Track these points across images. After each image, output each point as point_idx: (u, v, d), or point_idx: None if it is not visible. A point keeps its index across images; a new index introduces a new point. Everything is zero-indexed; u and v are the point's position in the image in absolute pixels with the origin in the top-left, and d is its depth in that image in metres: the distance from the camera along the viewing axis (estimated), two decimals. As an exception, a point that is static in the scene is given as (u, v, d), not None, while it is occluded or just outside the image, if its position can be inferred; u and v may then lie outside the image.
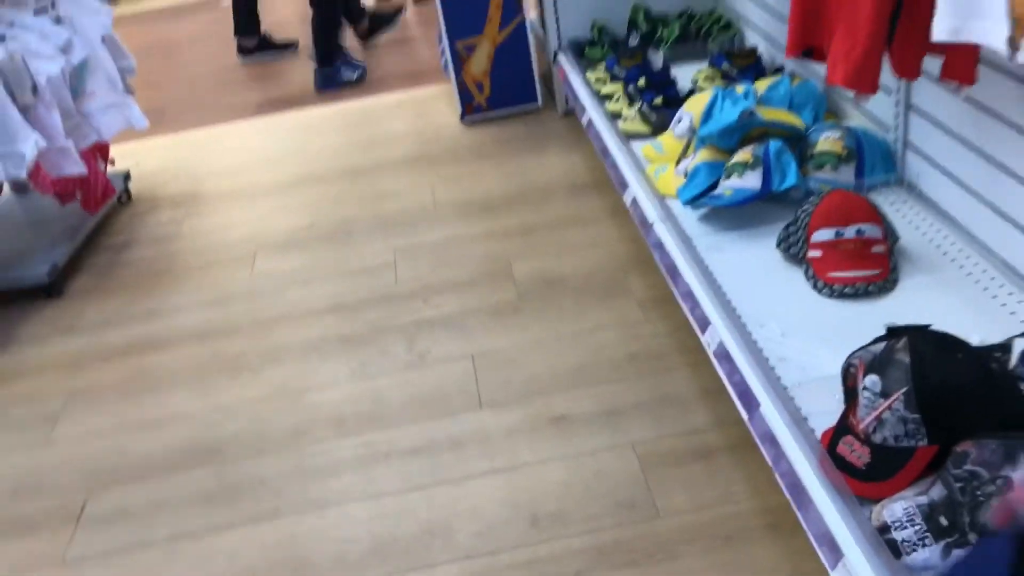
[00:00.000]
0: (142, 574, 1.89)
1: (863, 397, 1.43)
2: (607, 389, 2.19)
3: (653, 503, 1.85)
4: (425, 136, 3.76)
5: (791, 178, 2.19)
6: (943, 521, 1.29)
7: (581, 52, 3.47)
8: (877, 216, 1.97)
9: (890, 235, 1.98)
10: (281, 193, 3.48)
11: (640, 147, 2.71)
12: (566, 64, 3.48)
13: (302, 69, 4.78)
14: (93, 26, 3.06)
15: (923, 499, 1.32)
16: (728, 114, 2.38)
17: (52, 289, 2.95)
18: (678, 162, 2.50)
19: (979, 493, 1.27)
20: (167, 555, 1.93)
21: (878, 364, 1.42)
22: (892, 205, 2.18)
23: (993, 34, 1.18)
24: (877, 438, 1.41)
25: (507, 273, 2.72)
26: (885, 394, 1.39)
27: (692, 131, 2.54)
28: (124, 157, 3.66)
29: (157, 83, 4.70)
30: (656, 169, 2.53)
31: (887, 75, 2.22)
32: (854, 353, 1.52)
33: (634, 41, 3.38)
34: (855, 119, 2.49)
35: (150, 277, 3.02)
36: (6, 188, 3.39)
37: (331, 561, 1.85)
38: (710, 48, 3.24)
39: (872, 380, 1.41)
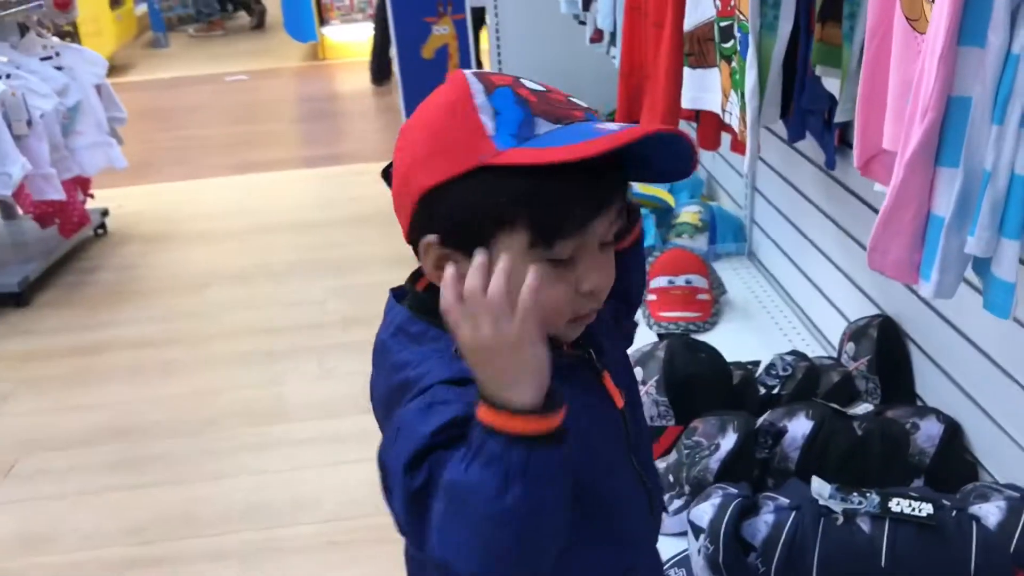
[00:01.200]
0: (51, 517, 2.21)
1: (631, 386, 1.79)
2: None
3: (490, 490, 2.17)
4: (379, 201, 4.16)
5: (649, 239, 2.57)
6: (671, 479, 1.63)
7: (519, 136, 3.91)
8: (705, 270, 2.35)
9: (716, 287, 2.35)
10: (243, 238, 3.88)
11: (546, 214, 3.11)
12: (506, 146, 3.92)
13: (288, 134, 5.26)
14: (88, 75, 3.52)
15: (662, 464, 1.66)
16: (609, 185, 2.79)
17: (20, 299, 3.32)
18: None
19: (697, 456, 1.62)
20: (74, 505, 2.25)
21: (642, 359, 1.78)
22: (734, 269, 2.56)
23: (713, 103, 1.59)
24: (638, 418, 1.75)
25: (420, 313, 3.08)
26: (643, 382, 1.74)
27: (585, 200, 2.94)
28: (108, 199, 4.06)
29: (150, 140, 5.16)
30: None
31: (741, 161, 2.65)
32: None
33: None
34: (723, 200, 2.90)
35: (109, 296, 3.40)
36: (-5, 209, 3.80)
37: (212, 518, 2.17)
38: (627, 140, 3.68)
39: (636, 371, 1.77)
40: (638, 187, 2.78)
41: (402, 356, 0.86)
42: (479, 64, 4.18)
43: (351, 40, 7.22)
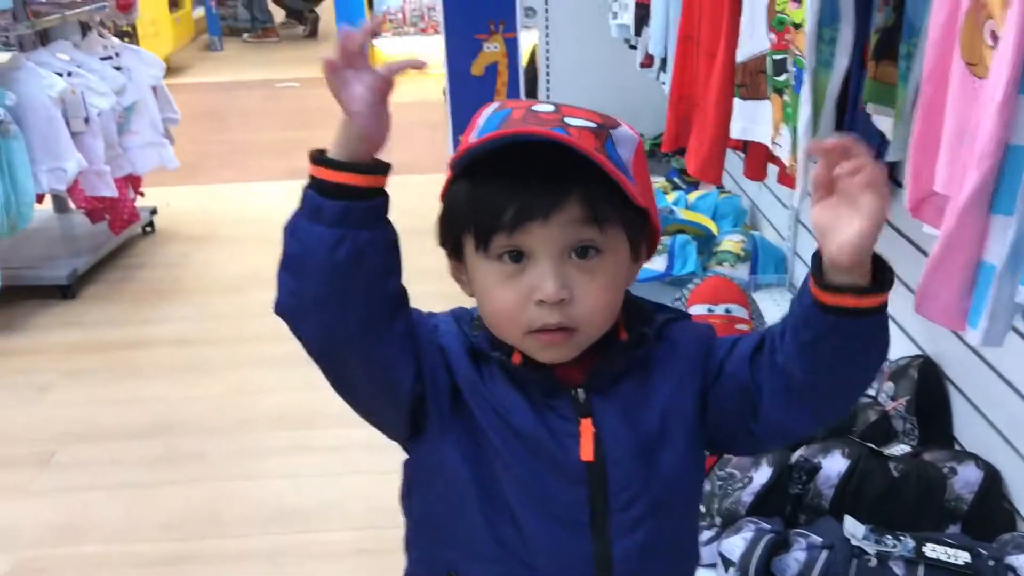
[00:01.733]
0: (87, 508, 2.25)
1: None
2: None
3: (518, 508, 2.18)
4: (422, 212, 4.19)
5: (690, 265, 2.57)
6: (702, 509, 1.62)
7: (564, 156, 3.93)
8: (745, 301, 2.34)
9: (755, 317, 2.34)
10: (285, 242, 3.93)
11: (587, 235, 3.12)
12: (551, 165, 3.94)
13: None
14: (146, 77, 3.60)
15: (693, 493, 1.66)
16: (653, 210, 2.79)
17: (68, 291, 3.39)
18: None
19: (729, 488, 1.61)
20: (110, 497, 2.29)
21: (678, 386, 1.77)
22: (775, 300, 2.55)
23: (763, 135, 1.59)
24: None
25: (457, 327, 3.10)
26: (679, 409, 1.74)
27: (627, 224, 2.95)
28: (157, 197, 4.14)
29: (201, 142, 5.24)
30: (591, 251, 2.93)
31: (786, 193, 2.63)
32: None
33: (609, 152, 3.83)
34: (765, 230, 2.89)
35: (153, 293, 3.46)
36: (48, 202, 3.87)
37: (242, 519, 2.20)
38: (672, 165, 3.68)
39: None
40: (681, 213, 2.79)
41: None
42: (529, 83, 4.20)
43: (402, 52, 7.29)
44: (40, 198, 3.25)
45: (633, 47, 3.03)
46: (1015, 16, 0.81)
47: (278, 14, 8.74)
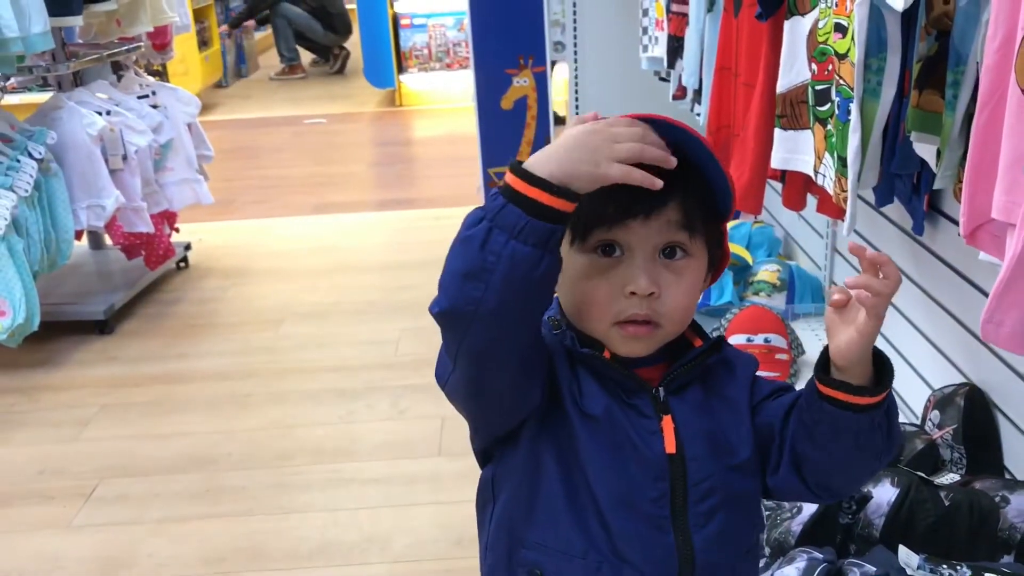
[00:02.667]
0: (129, 542, 2.26)
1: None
2: (549, 455, 2.53)
3: (560, 541, 2.17)
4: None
5: (727, 295, 2.57)
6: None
7: (594, 188, 3.95)
8: (784, 331, 2.33)
9: (795, 347, 2.34)
10: (317, 276, 3.96)
11: (620, 266, 3.13)
12: (580, 197, 3.96)
13: (365, 177, 5.38)
14: (181, 114, 3.66)
15: (741, 524, 1.65)
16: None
17: (105, 326, 3.42)
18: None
19: (778, 518, 1.60)
20: (152, 531, 2.29)
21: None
22: (813, 330, 2.54)
23: (806, 165, 1.59)
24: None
25: (491, 359, 3.11)
26: (724, 439, 1.73)
27: (661, 254, 2.96)
28: (191, 233, 4.19)
29: (232, 179, 5.31)
30: (625, 282, 2.93)
31: (821, 222, 2.63)
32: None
33: (639, 183, 3.85)
34: (800, 260, 2.89)
35: (189, 328, 3.49)
36: (84, 239, 3.93)
37: (284, 554, 2.20)
38: (703, 196, 3.70)
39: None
40: (716, 243, 2.79)
41: None
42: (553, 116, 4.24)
43: (428, 88, 7.38)
44: (79, 235, 3.30)
45: (663, 79, 3.05)
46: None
47: (306, 54, 8.86)
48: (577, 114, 4.05)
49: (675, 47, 2.60)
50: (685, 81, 2.49)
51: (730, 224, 3.04)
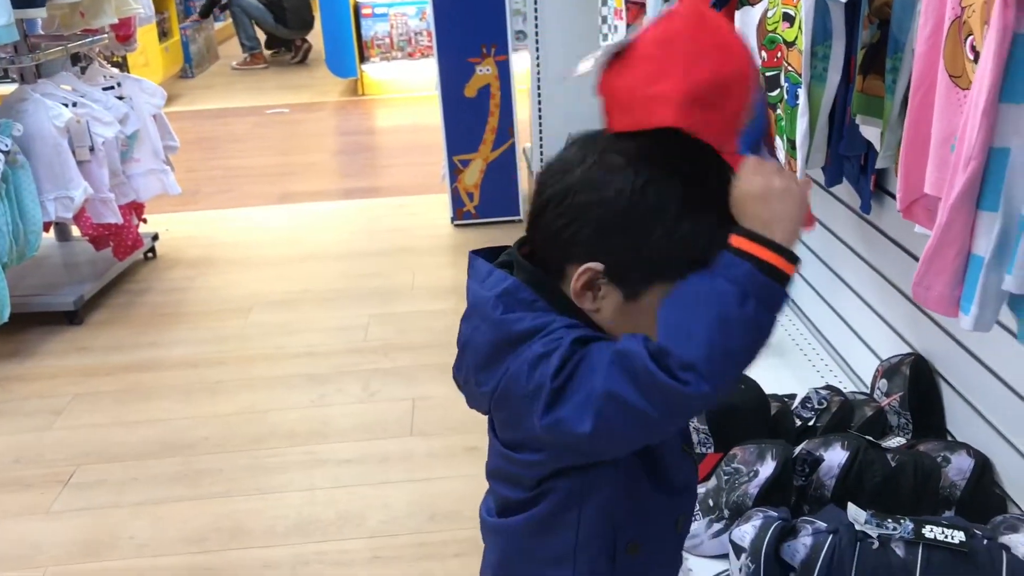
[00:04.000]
0: (109, 526, 2.31)
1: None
2: (518, 432, 2.61)
3: (530, 513, 2.25)
4: (418, 233, 4.30)
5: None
6: (710, 503, 1.70)
7: (557, 174, 4.03)
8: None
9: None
10: (284, 265, 4.01)
11: (584, 249, 3.22)
12: (544, 183, 4.04)
13: (329, 167, 5.43)
14: (147, 106, 3.68)
15: (701, 489, 1.74)
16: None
17: (75, 317, 3.45)
18: (606, 260, 2.99)
19: (736, 482, 1.70)
20: (132, 514, 2.35)
21: (684, 388, 1.86)
22: (769, 307, 2.64)
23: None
24: (679, 445, 1.84)
25: (459, 342, 3.18)
26: (685, 410, 1.83)
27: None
28: (157, 223, 4.21)
29: (196, 169, 5.32)
30: (589, 265, 3.02)
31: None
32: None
33: (601, 169, 3.94)
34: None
35: (158, 317, 3.52)
36: (51, 231, 3.93)
37: (263, 531, 2.26)
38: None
39: (679, 400, 1.85)
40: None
41: (516, 315, 0.95)
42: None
43: (391, 77, 7.40)
44: (47, 227, 3.32)
45: (623, 67, 3.14)
46: (995, 32, 0.90)
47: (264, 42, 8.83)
48: (540, 102, 4.13)
49: (634, 36, 2.68)
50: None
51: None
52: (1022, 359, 1.54)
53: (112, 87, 3.60)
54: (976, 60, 1.03)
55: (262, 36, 8.75)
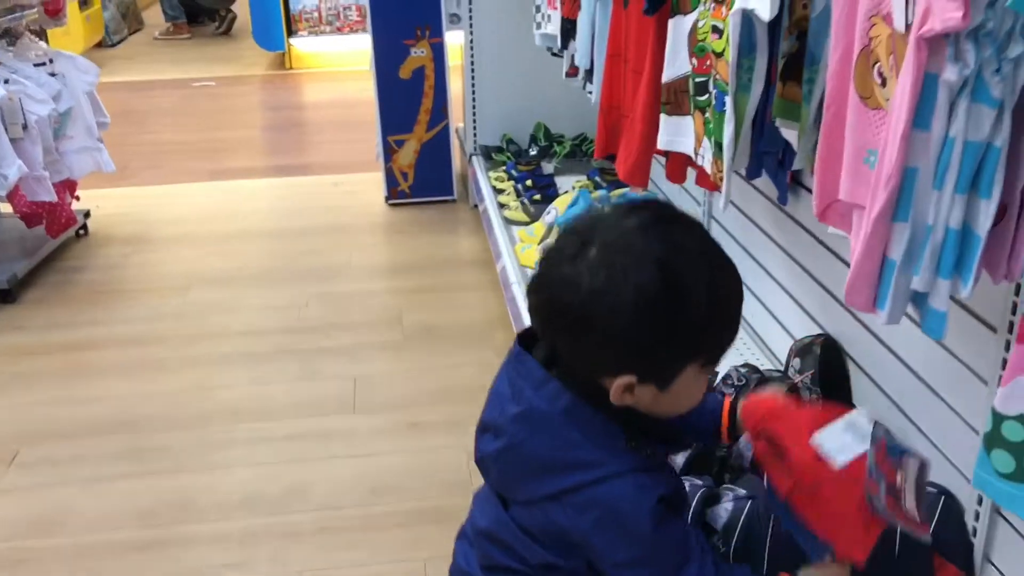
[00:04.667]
0: (58, 503, 2.36)
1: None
2: (457, 407, 2.73)
3: (471, 484, 2.38)
4: (353, 211, 4.37)
5: (617, 259, 2.81)
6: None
7: (490, 156, 4.14)
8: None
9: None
10: (220, 242, 4.03)
11: (518, 231, 3.34)
12: (477, 165, 4.14)
13: (259, 142, 5.42)
14: (80, 83, 3.66)
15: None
16: (580, 209, 3.03)
17: (8, 295, 3.44)
18: (540, 242, 3.12)
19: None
20: (80, 492, 2.40)
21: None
22: (693, 289, 2.81)
23: (687, 146, 1.82)
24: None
25: (398, 320, 3.29)
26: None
27: (556, 220, 3.18)
28: (88, 199, 4.18)
29: (124, 144, 5.26)
30: (523, 247, 3.15)
31: (699, 191, 2.89)
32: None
33: (533, 152, 4.06)
34: (682, 225, 3.15)
35: (95, 295, 3.53)
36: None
37: (211, 506, 2.34)
38: (592, 164, 3.93)
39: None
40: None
41: (573, 438, 1.09)
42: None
43: (319, 51, 7.38)
44: (-20, 204, 3.30)
45: (555, 54, 3.24)
46: (910, 69, 1.03)
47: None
48: (473, 84, 4.21)
49: (568, 29, 2.79)
50: (578, 62, 2.69)
51: (619, 192, 3.29)
52: (917, 341, 1.71)
53: (44, 63, 3.57)
54: (883, 85, 1.17)
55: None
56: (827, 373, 2.05)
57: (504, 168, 3.90)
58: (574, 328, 1.06)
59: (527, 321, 2.63)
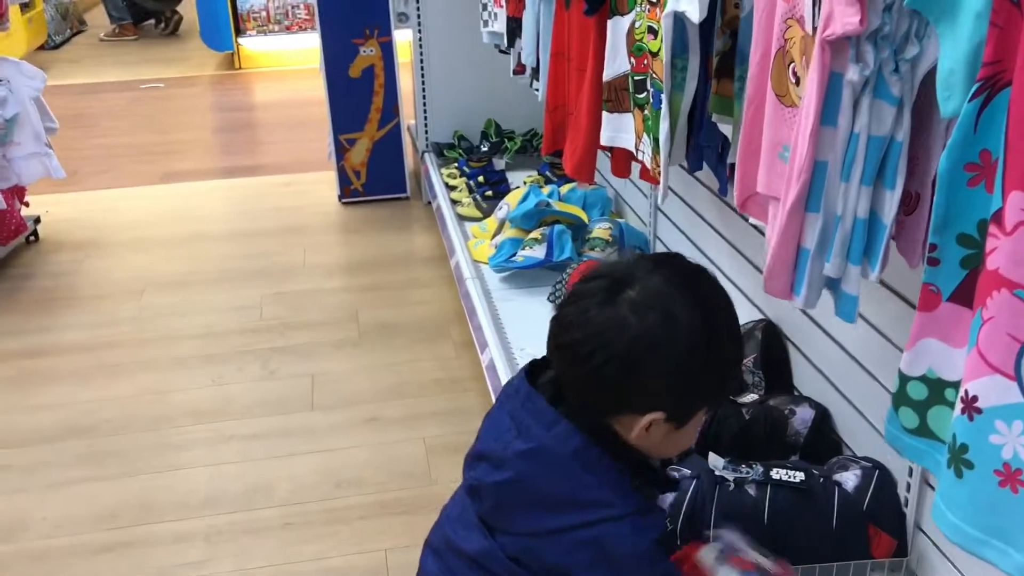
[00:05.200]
0: (19, 510, 2.37)
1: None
2: (415, 402, 2.79)
3: (430, 475, 2.44)
4: (306, 211, 4.39)
5: (567, 252, 2.88)
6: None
7: (441, 153, 4.19)
8: (617, 280, 2.66)
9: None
10: (172, 246, 4.04)
11: (471, 227, 3.39)
12: (429, 161, 4.19)
13: (209, 144, 5.41)
14: (26, 88, 3.64)
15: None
16: (530, 204, 3.09)
17: (-41, 304, 3.42)
18: (492, 237, 3.18)
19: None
20: (41, 497, 2.42)
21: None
22: (641, 279, 2.89)
23: (628, 142, 1.90)
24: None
25: (354, 318, 3.33)
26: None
27: (508, 215, 3.24)
28: (37, 205, 4.15)
29: (72, 148, 5.21)
30: (476, 242, 3.21)
31: (647, 184, 2.96)
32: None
33: (484, 148, 4.11)
34: (629, 217, 3.23)
35: (47, 302, 3.52)
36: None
37: (175, 505, 2.37)
38: (543, 159, 3.99)
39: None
40: (556, 205, 3.09)
41: (584, 481, 1.14)
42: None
43: (267, 50, 7.35)
44: (-73, 213, 3.27)
45: (503, 52, 3.30)
46: (815, 69, 1.11)
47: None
48: (423, 81, 4.25)
49: (513, 27, 2.86)
50: (524, 60, 2.75)
51: (568, 186, 3.36)
52: (853, 326, 1.80)
53: (-12, 70, 3.55)
54: (798, 84, 1.25)
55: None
56: (768, 356, 2.14)
57: (456, 165, 3.95)
58: (613, 367, 1.09)
59: (482, 317, 2.70)
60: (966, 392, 0.91)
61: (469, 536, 1.23)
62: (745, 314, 2.26)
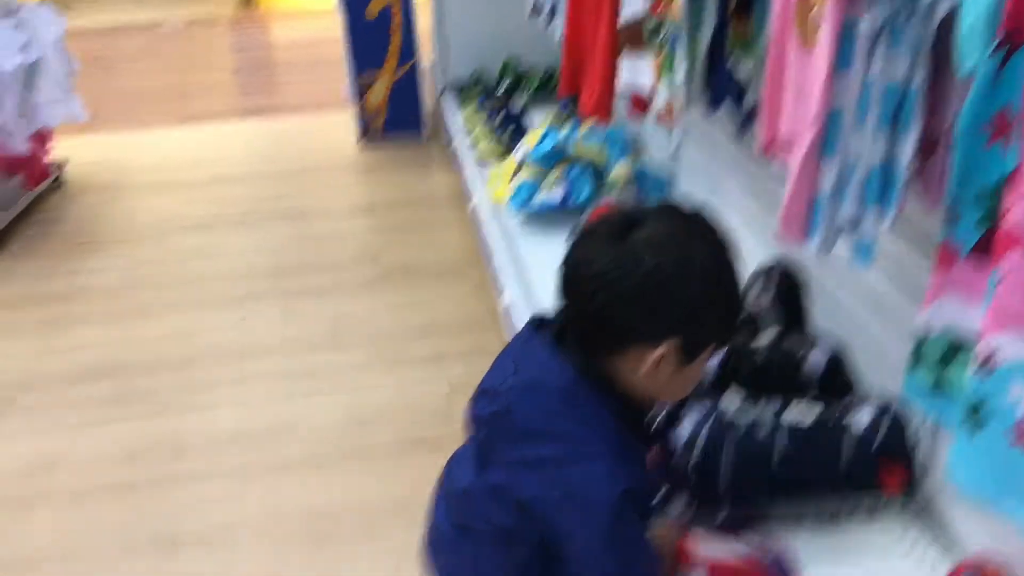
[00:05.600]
0: (53, 447, 2.45)
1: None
2: (437, 341, 2.83)
3: (452, 413, 2.49)
4: (326, 152, 4.40)
5: (585, 194, 2.89)
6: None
7: (460, 92, 4.17)
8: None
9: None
10: (195, 188, 4.07)
11: (489, 168, 3.40)
12: (448, 103, 4.18)
13: (228, 85, 5.41)
14: (48, 33, 3.65)
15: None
16: (547, 145, 3.09)
17: (-12, 248, 3.48)
18: (511, 178, 3.18)
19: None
20: (71, 437, 2.49)
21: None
22: (660, 220, 2.89)
23: (644, 85, 1.89)
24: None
25: (375, 258, 3.36)
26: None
27: (527, 156, 3.24)
28: (61, 149, 4.19)
29: (93, 91, 5.21)
30: (495, 183, 3.21)
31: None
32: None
33: (503, 87, 4.09)
34: (649, 157, 3.22)
35: (76, 246, 3.58)
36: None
37: (202, 442, 2.44)
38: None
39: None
40: (574, 147, 3.08)
41: (567, 415, 1.15)
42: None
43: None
44: (-48, 159, 3.32)
45: (521, -9, 3.27)
46: (830, 16, 1.11)
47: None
48: (441, 23, 4.22)
49: (531, -33, 2.83)
50: (540, 1, 2.73)
51: (586, 127, 3.34)
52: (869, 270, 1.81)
53: (10, 14, 3.55)
54: (818, 30, 1.24)
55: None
56: (785, 297, 2.15)
57: (475, 105, 3.94)
58: (631, 295, 1.08)
59: (500, 257, 2.71)
60: (981, 350, 0.93)
61: (461, 473, 1.28)
62: (764, 253, 2.27)
